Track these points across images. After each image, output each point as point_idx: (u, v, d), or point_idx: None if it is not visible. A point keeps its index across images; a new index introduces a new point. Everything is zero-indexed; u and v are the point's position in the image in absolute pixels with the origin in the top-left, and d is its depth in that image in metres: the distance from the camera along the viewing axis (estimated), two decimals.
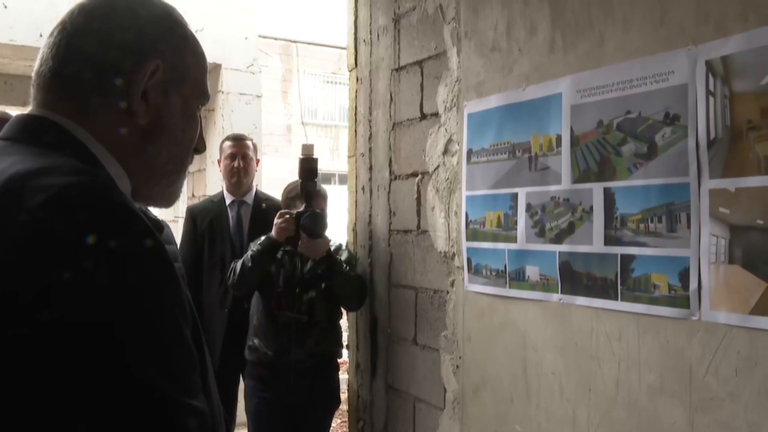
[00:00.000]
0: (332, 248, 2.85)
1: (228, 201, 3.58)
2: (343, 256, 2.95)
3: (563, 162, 1.90)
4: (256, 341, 2.91)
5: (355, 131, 3.12)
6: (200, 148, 1.05)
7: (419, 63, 2.60)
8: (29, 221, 0.68)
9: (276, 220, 2.77)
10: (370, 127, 2.97)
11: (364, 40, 3.03)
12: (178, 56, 0.94)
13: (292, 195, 2.99)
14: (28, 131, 0.87)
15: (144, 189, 0.95)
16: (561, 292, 1.92)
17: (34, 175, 0.73)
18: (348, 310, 3.16)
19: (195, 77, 0.98)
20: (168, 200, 1.03)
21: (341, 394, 3.23)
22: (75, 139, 0.86)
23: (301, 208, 2.72)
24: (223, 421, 0.93)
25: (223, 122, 6.17)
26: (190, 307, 0.82)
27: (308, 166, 2.73)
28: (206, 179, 6.04)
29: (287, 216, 2.73)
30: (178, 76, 0.94)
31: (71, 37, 0.89)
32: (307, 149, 2.78)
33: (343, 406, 3.73)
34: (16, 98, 7.11)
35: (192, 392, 0.74)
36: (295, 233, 2.72)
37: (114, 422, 0.66)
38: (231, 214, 3.56)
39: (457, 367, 2.36)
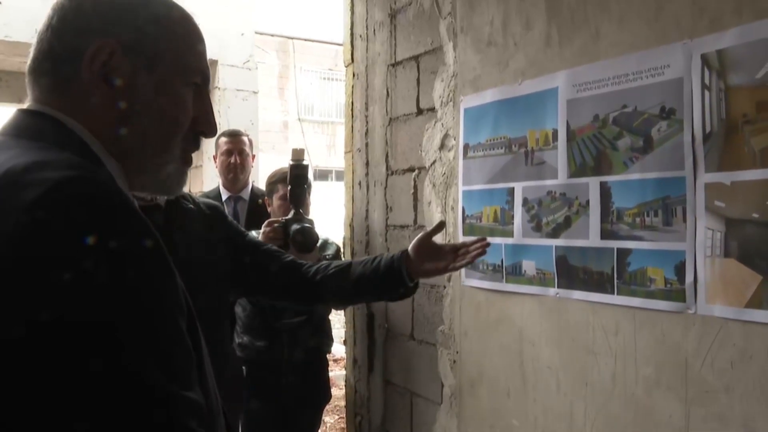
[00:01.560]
0: (319, 244, 2.84)
1: (224, 197, 3.59)
2: (330, 251, 2.94)
3: (559, 156, 1.90)
4: (246, 338, 2.89)
5: (352, 127, 3.12)
6: (205, 130, 1.00)
7: (415, 58, 2.60)
8: (29, 221, 0.68)
9: (264, 229, 2.67)
10: (367, 122, 2.97)
11: (361, 36, 3.03)
12: (143, 34, 0.91)
13: (273, 180, 2.98)
14: (25, 125, 0.86)
15: (135, 178, 0.93)
16: (557, 287, 1.92)
17: (30, 169, 0.73)
18: (336, 309, 3.15)
19: (174, 54, 0.93)
20: (163, 188, 0.99)
21: (339, 390, 3.23)
22: (71, 132, 0.86)
23: (290, 215, 2.64)
24: (221, 414, 0.93)
25: (219, 118, 6.17)
26: (187, 303, 0.82)
27: (298, 172, 2.65)
28: (203, 175, 6.04)
29: (275, 225, 2.65)
30: (146, 54, 0.90)
31: (42, 33, 0.90)
32: (298, 154, 2.69)
33: (341, 402, 3.74)
34: (11, 95, 7.11)
35: (189, 385, 0.74)
36: (284, 243, 2.61)
37: (116, 422, 0.66)
38: (227, 210, 3.56)
39: (454, 361, 2.37)
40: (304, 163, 2.69)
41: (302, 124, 16.99)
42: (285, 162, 2.72)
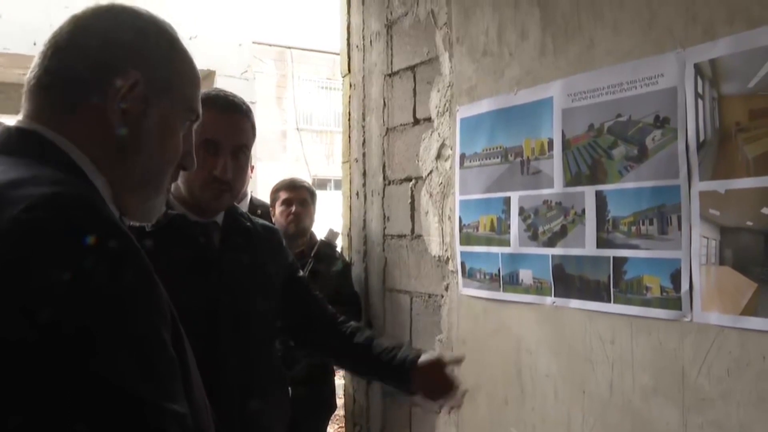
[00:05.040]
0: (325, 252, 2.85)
1: None
2: (337, 267, 2.94)
3: (555, 165, 1.91)
4: None
5: (349, 137, 3.13)
6: (187, 165, 1.03)
7: (412, 68, 2.61)
8: (8, 230, 0.69)
9: None
10: (364, 132, 2.98)
11: (357, 46, 3.04)
12: (162, 70, 0.94)
13: (275, 189, 3.07)
14: (12, 142, 0.87)
15: (121, 203, 0.94)
16: (554, 295, 1.93)
17: (14, 186, 0.74)
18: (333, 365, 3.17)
19: (180, 92, 0.97)
20: (145, 216, 1.01)
21: (338, 399, 3.23)
22: (59, 149, 0.86)
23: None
24: (212, 422, 0.93)
25: None
26: (171, 312, 0.82)
27: (324, 250, 2.81)
28: None
29: None
30: (160, 89, 0.93)
31: (57, 49, 0.90)
32: (332, 235, 2.88)
33: (340, 411, 3.73)
34: (10, 107, 7.12)
35: (173, 396, 0.75)
36: None
37: (95, 428, 0.66)
38: None
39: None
40: (334, 244, 2.88)
41: (300, 133, 17.01)
42: (283, 171, 2.76)
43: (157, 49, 0.94)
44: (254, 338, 1.67)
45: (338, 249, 2.95)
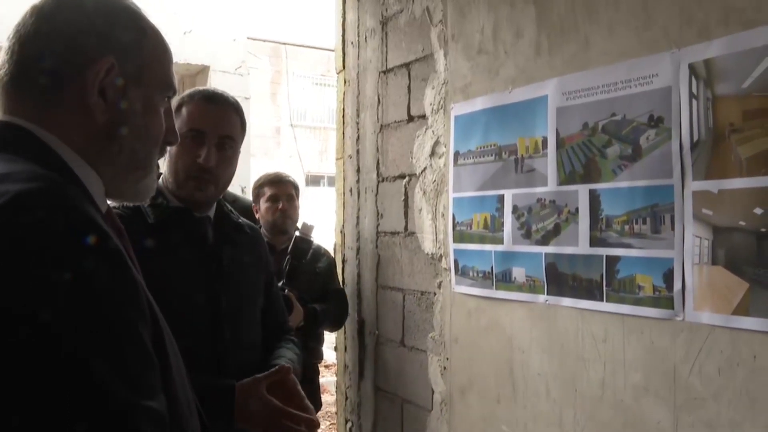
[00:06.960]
0: (310, 255, 2.84)
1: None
2: (322, 263, 2.93)
3: (549, 164, 1.91)
4: None
5: (343, 133, 3.13)
6: (172, 140, 1.04)
7: (406, 65, 2.60)
8: None
9: None
10: (358, 129, 2.97)
11: (352, 43, 3.03)
12: (134, 51, 0.93)
13: (258, 184, 3.01)
14: None
15: (114, 187, 0.95)
16: (547, 294, 1.93)
17: None
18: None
19: (156, 71, 0.96)
20: (139, 196, 1.02)
21: (330, 396, 3.23)
22: (40, 143, 0.85)
23: (280, 284, 2.63)
24: (197, 419, 0.93)
25: None
26: (150, 309, 0.82)
27: (301, 245, 2.78)
28: None
29: None
30: (136, 71, 0.93)
31: (23, 41, 0.89)
32: (307, 229, 2.84)
33: (332, 408, 3.73)
34: None
35: (148, 393, 0.74)
36: None
37: (67, 425, 0.66)
38: None
39: (445, 368, 2.37)
40: (310, 239, 2.82)
41: (294, 129, 16.99)
42: (277, 167, 2.74)
43: (127, 30, 0.93)
44: (251, 333, 1.68)
45: (313, 242, 2.91)
